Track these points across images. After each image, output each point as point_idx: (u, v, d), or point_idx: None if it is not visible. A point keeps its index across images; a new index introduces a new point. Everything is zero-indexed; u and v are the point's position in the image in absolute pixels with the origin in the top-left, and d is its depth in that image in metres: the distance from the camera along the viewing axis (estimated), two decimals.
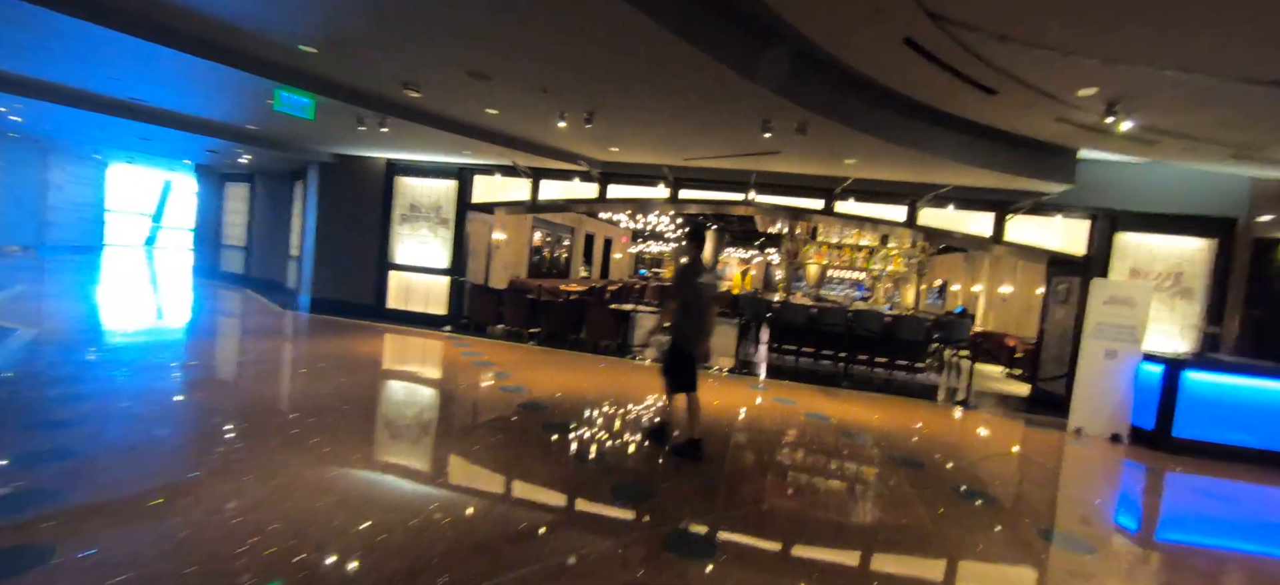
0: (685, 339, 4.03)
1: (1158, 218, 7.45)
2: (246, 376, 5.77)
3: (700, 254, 4.15)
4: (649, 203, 9.00)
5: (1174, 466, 5.63)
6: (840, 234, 10.30)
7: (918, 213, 8.07)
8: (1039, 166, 6.88)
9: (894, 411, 6.69)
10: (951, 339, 9.46)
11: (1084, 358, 6.52)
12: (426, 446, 4.33)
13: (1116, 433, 6.44)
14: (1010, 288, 13.88)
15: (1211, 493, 5.06)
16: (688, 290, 4.01)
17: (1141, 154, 6.59)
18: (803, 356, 10.24)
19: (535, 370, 7.00)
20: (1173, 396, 6.10)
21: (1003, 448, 5.89)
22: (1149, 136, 5.82)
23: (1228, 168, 6.78)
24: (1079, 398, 6.54)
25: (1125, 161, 7.31)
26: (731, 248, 25.41)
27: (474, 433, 4.74)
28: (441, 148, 8.40)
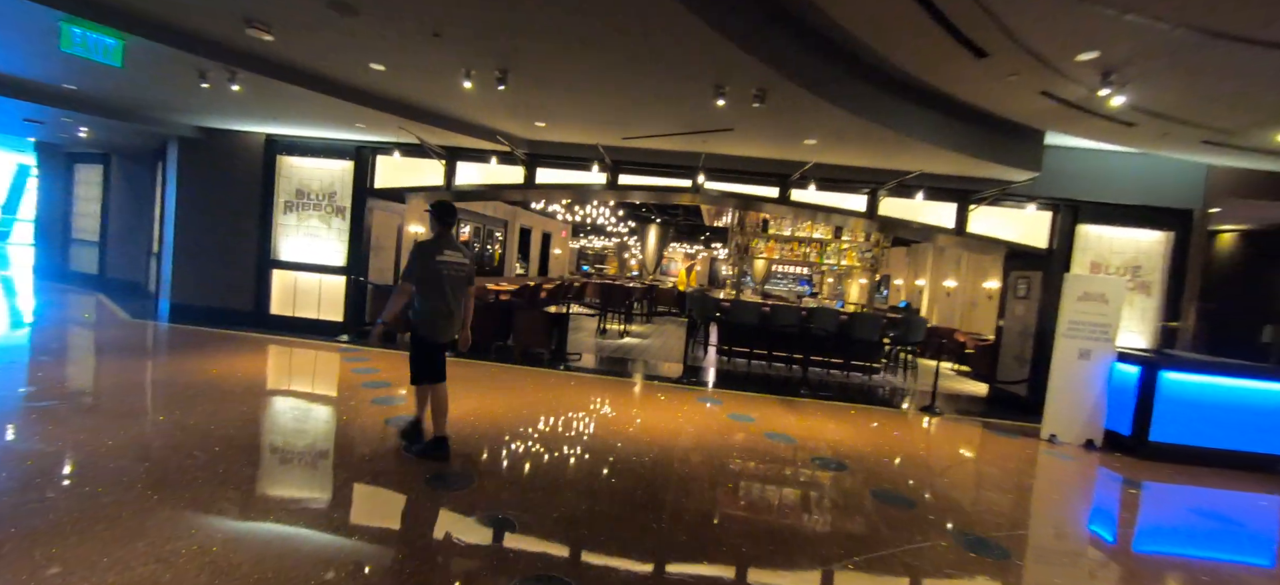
0: (424, 324, 3.70)
1: (1117, 209, 7.12)
2: (30, 419, 4.17)
3: (445, 231, 3.80)
4: (584, 190, 7.86)
5: (1161, 475, 5.15)
6: (793, 226, 9.60)
7: (878, 203, 7.39)
8: (1008, 151, 6.31)
9: (862, 426, 5.93)
10: (907, 337, 8.94)
11: (1057, 359, 6.01)
12: (258, 516, 3.03)
13: (1091, 439, 5.97)
14: (954, 282, 13.79)
15: (1207, 505, 4.57)
16: (424, 269, 3.63)
17: (1113, 139, 6.14)
18: (755, 359, 9.45)
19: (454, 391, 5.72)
20: (1150, 399, 5.66)
21: (985, 468, 5.22)
22: (1130, 117, 5.30)
23: (1192, 156, 6.48)
24: (1053, 403, 6.03)
25: (1089, 149, 6.92)
26: (676, 242, 24.70)
27: (338, 487, 3.46)
28: (328, 119, 6.90)
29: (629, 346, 9.73)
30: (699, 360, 9.02)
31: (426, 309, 3.67)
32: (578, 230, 26.39)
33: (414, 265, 3.65)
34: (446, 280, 3.66)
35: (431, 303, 3.66)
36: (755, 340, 9.26)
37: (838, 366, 9.28)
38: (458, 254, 3.78)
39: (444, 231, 3.79)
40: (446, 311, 3.69)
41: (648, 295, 14.44)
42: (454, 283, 3.71)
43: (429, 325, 3.69)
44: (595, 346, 9.42)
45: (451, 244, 3.77)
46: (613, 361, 8.24)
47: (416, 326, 3.71)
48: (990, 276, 11.97)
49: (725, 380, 7.67)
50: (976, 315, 12.58)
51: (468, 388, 5.88)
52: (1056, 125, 5.93)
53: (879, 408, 6.92)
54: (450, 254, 3.72)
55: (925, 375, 9.49)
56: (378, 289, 8.14)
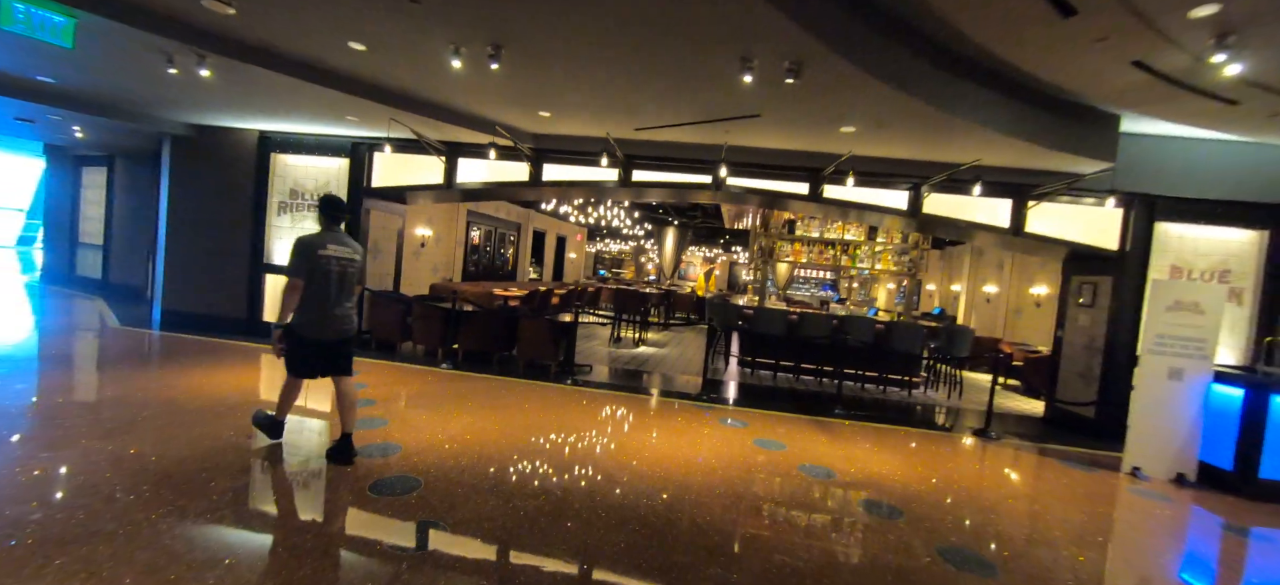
0: (302, 321, 3.57)
1: (1202, 204, 6.21)
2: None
3: (332, 225, 3.69)
4: (595, 188, 7.22)
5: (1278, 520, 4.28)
6: (822, 227, 8.84)
7: (923, 200, 6.59)
8: (1080, 138, 5.48)
9: (909, 453, 5.14)
10: (950, 349, 8.08)
11: (1142, 378, 5.15)
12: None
13: (1182, 473, 5.09)
14: (996, 287, 12.80)
15: None
16: (308, 264, 3.51)
17: (1207, 123, 5.27)
18: (781, 371, 8.69)
19: (431, 411, 5.12)
20: (1259, 428, 4.77)
21: (1065, 511, 4.39)
22: (1236, 93, 4.45)
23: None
24: (1136, 430, 5.16)
25: (1169, 136, 6.04)
26: (694, 246, 23.95)
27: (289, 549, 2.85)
28: (316, 111, 6.38)
29: (644, 356, 9.06)
30: (719, 373, 8.30)
31: (305, 304, 3.54)
32: (594, 234, 25.86)
33: (297, 261, 3.51)
34: (332, 276, 3.56)
35: (311, 298, 3.54)
36: (781, 351, 8.50)
37: (873, 380, 8.47)
38: (346, 249, 3.66)
39: (331, 226, 3.67)
40: (327, 308, 3.57)
41: (665, 301, 13.74)
42: (341, 279, 3.61)
43: (306, 322, 3.56)
44: (608, 357, 8.77)
45: (339, 239, 3.65)
46: (625, 374, 7.57)
47: (295, 321, 3.57)
48: (1038, 281, 11.01)
49: (749, 396, 6.93)
50: (1021, 324, 11.60)
51: (461, 405, 5.26)
52: (1141, 106, 5.09)
53: (924, 430, 6.11)
54: (336, 249, 3.60)
55: (971, 391, 8.63)
56: (376, 297, 7.61)
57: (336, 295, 3.59)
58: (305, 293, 3.52)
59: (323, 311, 3.55)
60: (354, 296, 3.76)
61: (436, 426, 4.61)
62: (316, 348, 3.62)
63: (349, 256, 3.65)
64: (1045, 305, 10.71)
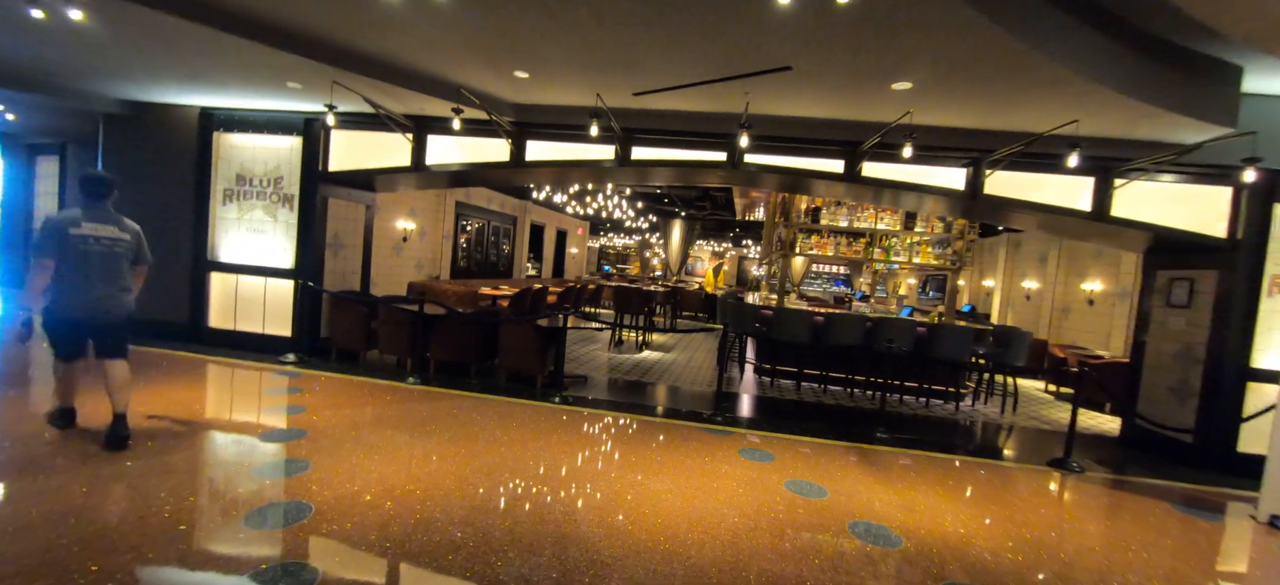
0: (55, 302, 3.41)
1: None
2: None
3: (94, 203, 3.51)
4: (590, 170, 6.12)
5: None
6: (851, 215, 7.71)
7: (983, 178, 5.44)
8: (1195, 97, 4.32)
9: (985, 499, 4.03)
10: (1005, 356, 6.94)
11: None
12: None
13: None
14: (1037, 283, 11.60)
15: None
16: (57, 243, 3.33)
17: None
18: (805, 381, 7.58)
19: (376, 447, 4.07)
20: None
21: None
22: None
23: None
24: (1277, 467, 4.01)
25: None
26: (702, 241, 22.79)
27: None
28: (248, 76, 5.32)
29: (647, 364, 7.97)
30: (733, 383, 7.19)
31: (59, 284, 3.40)
32: (597, 228, 24.77)
33: (42, 239, 3.35)
34: (91, 256, 3.44)
35: (65, 278, 3.40)
36: (805, 357, 7.39)
37: (913, 391, 7.35)
38: (108, 228, 3.52)
39: (92, 203, 3.52)
40: (84, 289, 3.44)
41: (671, 299, 12.65)
42: (103, 260, 3.49)
43: (60, 303, 3.42)
44: (607, 364, 7.69)
45: (99, 216, 3.51)
46: (624, 387, 6.49)
47: (48, 302, 3.42)
48: (1092, 275, 9.80)
49: (771, 414, 5.83)
50: (1070, 324, 10.42)
51: (420, 436, 4.20)
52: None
53: (989, 460, 4.98)
54: (95, 227, 3.46)
55: (1025, 403, 7.48)
56: (336, 298, 6.57)
57: (96, 276, 3.46)
58: (58, 272, 3.37)
59: (78, 292, 3.41)
60: (126, 278, 3.62)
61: (376, 471, 3.55)
62: (72, 326, 3.48)
63: (113, 236, 3.52)
64: (1099, 303, 9.53)
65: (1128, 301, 8.62)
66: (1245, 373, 5.14)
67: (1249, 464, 5.08)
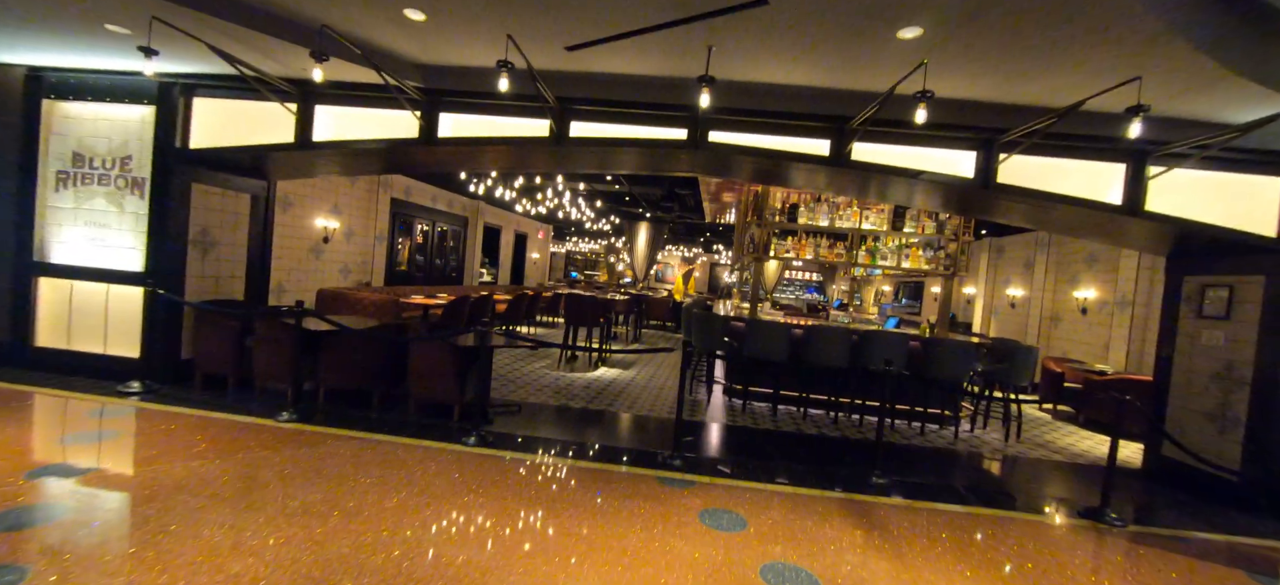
0: None
1: None
2: None
3: None
4: (520, 151, 4.95)
5: None
6: (832, 212, 6.74)
7: (997, 164, 4.50)
8: (1264, 57, 3.45)
9: (1020, 574, 3.01)
10: (1008, 376, 6.04)
11: None
12: None
13: None
14: (1022, 291, 10.91)
15: None
16: None
17: None
18: (782, 403, 6.55)
19: (168, 528, 2.81)
20: None
21: None
22: None
23: None
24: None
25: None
26: (672, 246, 21.76)
27: None
28: (58, 21, 3.99)
29: (601, 384, 6.82)
30: (699, 409, 6.10)
31: None
32: (561, 231, 23.54)
33: None
34: None
35: None
36: (782, 375, 6.36)
37: (904, 415, 6.39)
38: None
39: None
40: None
41: (635, 308, 11.53)
42: None
43: None
44: (552, 386, 6.50)
45: None
46: (563, 421, 5.32)
47: None
48: (1085, 282, 9.10)
49: (744, 452, 4.75)
50: (1059, 334, 9.71)
51: (258, 505, 2.94)
52: None
53: (1008, 512, 4.00)
54: None
55: (1029, 427, 6.61)
56: (202, 311, 5.21)
57: None
58: None
59: None
60: None
61: (146, 580, 2.31)
62: None
63: None
64: (1094, 312, 8.82)
65: (1129, 310, 7.90)
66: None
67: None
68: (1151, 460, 5.28)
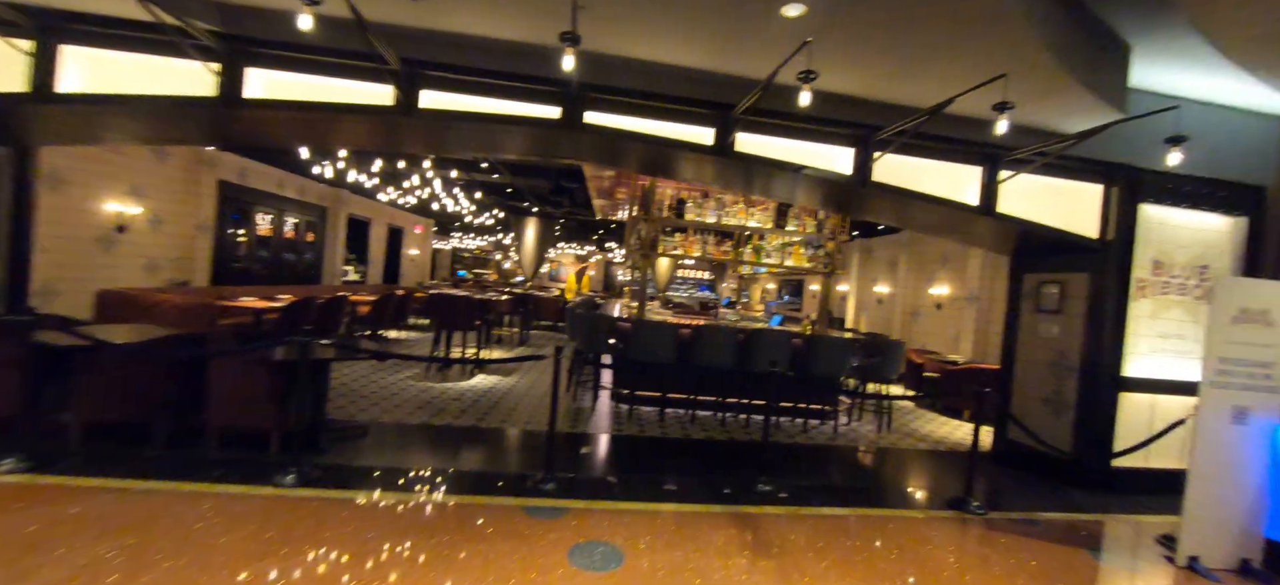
0: None
1: (1186, 183, 4.90)
2: None
3: None
4: (362, 123, 4.11)
5: None
6: (719, 211, 6.61)
7: (872, 161, 4.51)
8: (1093, 70, 3.70)
9: (901, 576, 2.90)
10: (882, 369, 6.28)
11: (1203, 425, 3.44)
12: None
13: (1247, 559, 3.48)
14: (888, 287, 11.80)
15: None
16: None
17: (1262, 53, 3.74)
18: (671, 406, 6.27)
19: None
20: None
21: None
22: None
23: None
24: (1196, 501, 3.44)
25: (1159, 94, 4.63)
26: (566, 243, 21.06)
27: None
28: None
29: (474, 398, 6.07)
30: (582, 418, 5.62)
31: None
32: (445, 226, 21.86)
33: None
34: None
35: None
36: (670, 378, 6.08)
37: (789, 412, 6.40)
38: None
39: None
40: None
41: (520, 308, 10.77)
42: None
43: None
44: (414, 402, 5.64)
45: None
46: (419, 444, 4.56)
47: None
48: (940, 280, 9.96)
49: (627, 466, 4.35)
50: (919, 328, 10.58)
51: None
52: (1197, 7, 3.38)
53: (888, 510, 3.99)
54: None
55: (897, 416, 6.93)
56: None
57: None
58: None
59: None
60: None
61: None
62: None
63: None
64: (947, 307, 9.70)
65: (975, 304, 8.72)
66: (1118, 382, 4.81)
67: (1125, 480, 4.77)
68: (1000, 443, 5.70)
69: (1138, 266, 4.85)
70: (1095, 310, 4.87)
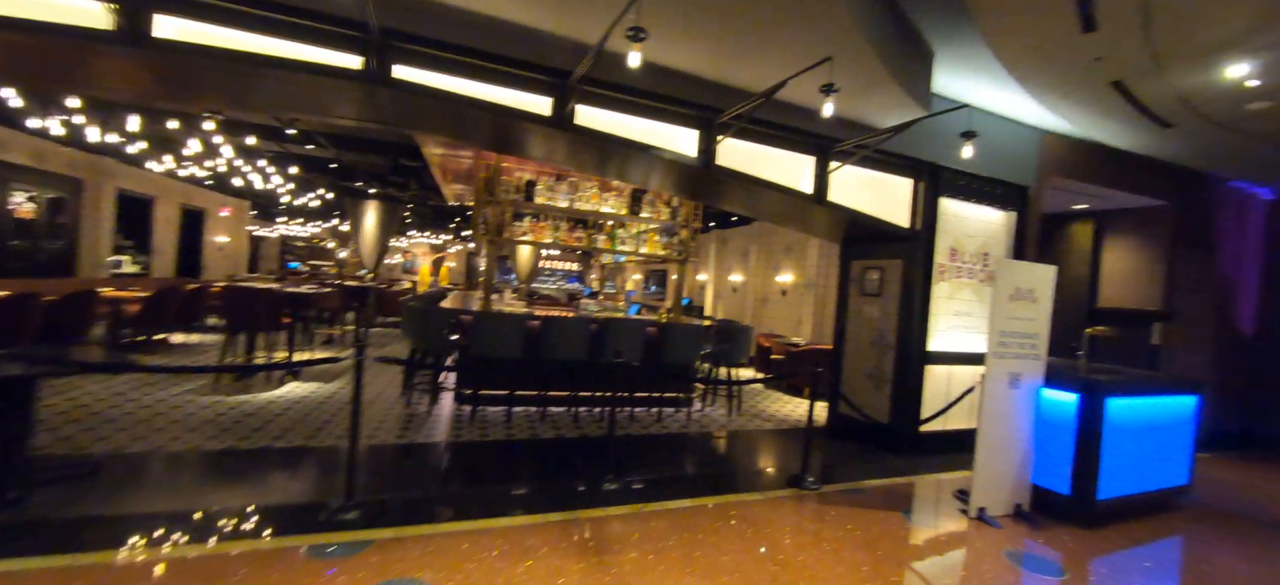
0: None
1: (974, 181, 5.62)
2: None
3: None
4: (74, 50, 3.02)
5: (1113, 545, 3.28)
6: (572, 194, 6.24)
7: (716, 145, 4.46)
8: (905, 68, 3.99)
9: (737, 567, 2.80)
10: (732, 354, 6.44)
11: (988, 392, 3.88)
12: None
13: (1019, 504, 4.02)
14: (741, 276, 12.44)
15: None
16: None
17: (1046, 60, 4.29)
18: (520, 404, 5.81)
19: None
20: (1095, 439, 3.89)
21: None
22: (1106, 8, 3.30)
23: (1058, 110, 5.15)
24: (984, 459, 3.87)
25: (952, 97, 5.22)
26: (418, 232, 19.21)
27: None
28: None
29: (276, 411, 5.03)
30: (414, 428, 4.92)
31: None
32: (266, 209, 18.73)
33: None
34: None
35: None
36: (520, 375, 5.61)
37: (642, 401, 6.29)
38: None
39: None
40: None
41: (354, 304, 9.45)
42: None
43: None
44: (190, 421, 4.48)
45: None
46: (174, 474, 3.59)
47: None
48: (785, 268, 10.67)
49: (458, 478, 3.83)
50: (768, 314, 11.28)
51: None
52: (987, 20, 3.75)
53: (732, 495, 3.97)
54: None
55: (747, 398, 7.20)
56: None
57: None
58: None
59: None
60: None
61: None
62: None
63: None
64: (791, 294, 10.43)
65: (814, 291, 9.44)
66: (924, 356, 5.38)
67: (930, 442, 5.35)
68: (834, 417, 6.13)
69: (939, 253, 5.45)
70: (907, 292, 5.39)
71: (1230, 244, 7.17)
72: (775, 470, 4.62)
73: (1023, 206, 5.92)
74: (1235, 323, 7.28)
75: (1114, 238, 7.55)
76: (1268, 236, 7.51)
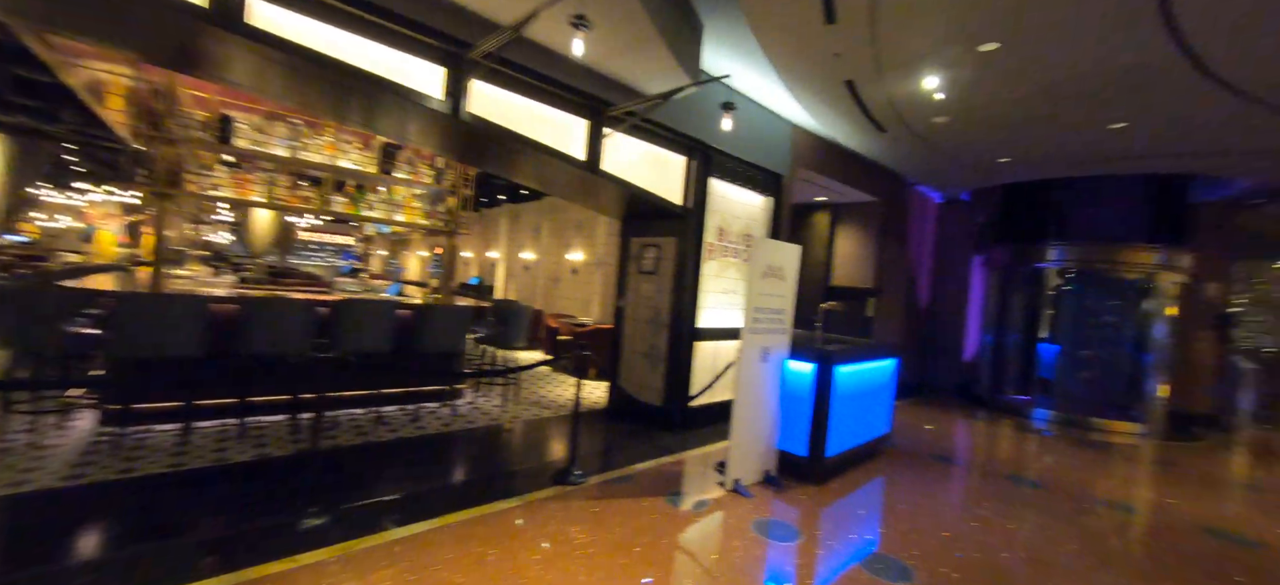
0: None
1: (739, 164, 5.88)
2: None
3: None
4: None
5: (835, 497, 3.66)
6: (294, 141, 4.79)
7: (465, 88, 3.70)
8: (675, 34, 3.79)
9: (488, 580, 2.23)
10: (507, 336, 5.80)
11: (744, 368, 3.94)
12: None
13: (768, 471, 4.23)
14: (533, 254, 11.81)
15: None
16: None
17: (796, 44, 4.45)
18: (203, 418, 4.31)
19: None
20: (826, 404, 4.27)
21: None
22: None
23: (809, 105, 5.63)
24: (739, 433, 3.94)
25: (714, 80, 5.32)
26: (94, 184, 13.89)
27: None
28: None
29: None
30: (27, 473, 3.19)
31: None
32: None
33: None
34: None
35: None
36: (205, 379, 4.14)
37: (397, 398, 5.27)
38: None
39: None
40: None
41: None
42: None
43: None
44: None
45: None
46: None
47: None
48: (575, 246, 10.36)
49: (57, 556, 2.47)
50: (560, 294, 10.90)
51: None
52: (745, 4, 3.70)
53: (489, 507, 3.37)
54: None
55: (527, 381, 6.64)
56: None
57: None
58: None
59: None
60: None
61: None
62: None
63: None
64: (582, 272, 10.18)
65: (603, 269, 9.30)
66: (694, 333, 5.47)
67: (698, 417, 5.48)
68: (613, 398, 5.96)
69: (708, 231, 5.57)
70: (680, 270, 5.39)
71: (914, 236, 9.01)
72: (541, 466, 4.15)
73: (779, 193, 6.44)
74: (917, 298, 9.22)
75: (844, 226, 8.90)
76: (937, 231, 9.67)
